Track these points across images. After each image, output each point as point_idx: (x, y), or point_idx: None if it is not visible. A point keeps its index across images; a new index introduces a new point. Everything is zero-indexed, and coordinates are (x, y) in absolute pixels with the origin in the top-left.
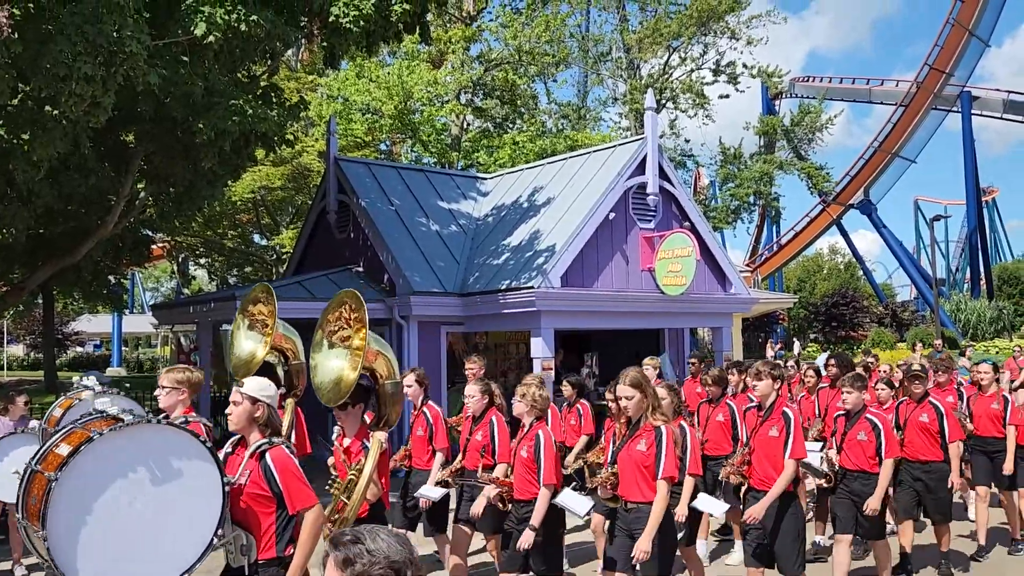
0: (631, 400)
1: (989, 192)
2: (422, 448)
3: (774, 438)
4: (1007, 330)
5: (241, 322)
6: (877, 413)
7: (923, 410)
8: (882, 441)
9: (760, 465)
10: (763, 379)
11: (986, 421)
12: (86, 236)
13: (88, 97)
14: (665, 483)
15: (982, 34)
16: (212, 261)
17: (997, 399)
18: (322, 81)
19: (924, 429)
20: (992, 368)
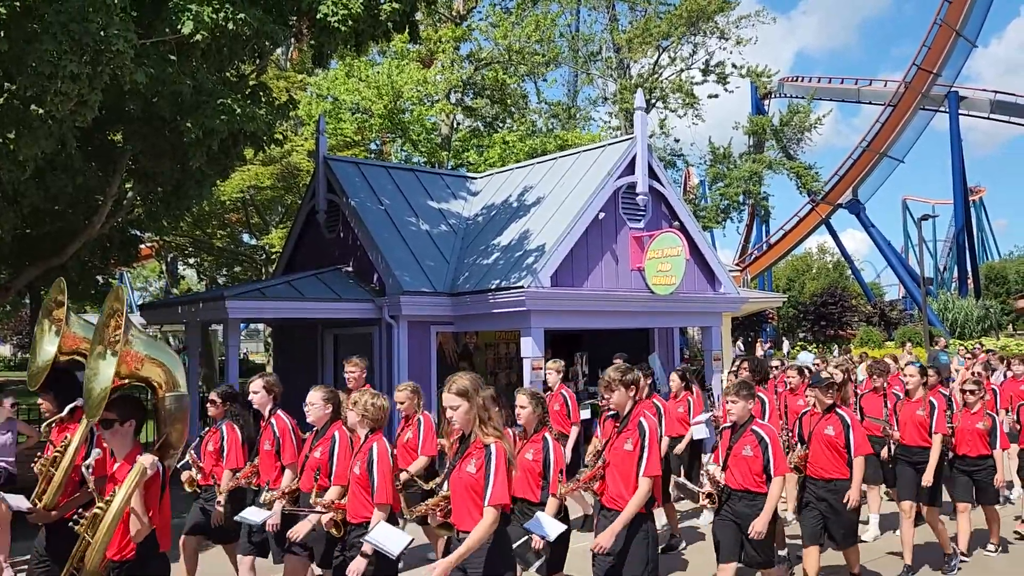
0: (456, 411)
1: (976, 192)
2: (270, 464)
3: (628, 452)
4: (994, 329)
5: (46, 327)
6: (764, 426)
7: (828, 422)
8: (770, 457)
9: (613, 482)
10: (615, 389)
11: (911, 429)
12: (73, 236)
13: (74, 96)
14: (492, 511)
15: (969, 34)
16: (201, 261)
17: (924, 405)
18: (311, 80)
19: (829, 443)
20: (919, 371)
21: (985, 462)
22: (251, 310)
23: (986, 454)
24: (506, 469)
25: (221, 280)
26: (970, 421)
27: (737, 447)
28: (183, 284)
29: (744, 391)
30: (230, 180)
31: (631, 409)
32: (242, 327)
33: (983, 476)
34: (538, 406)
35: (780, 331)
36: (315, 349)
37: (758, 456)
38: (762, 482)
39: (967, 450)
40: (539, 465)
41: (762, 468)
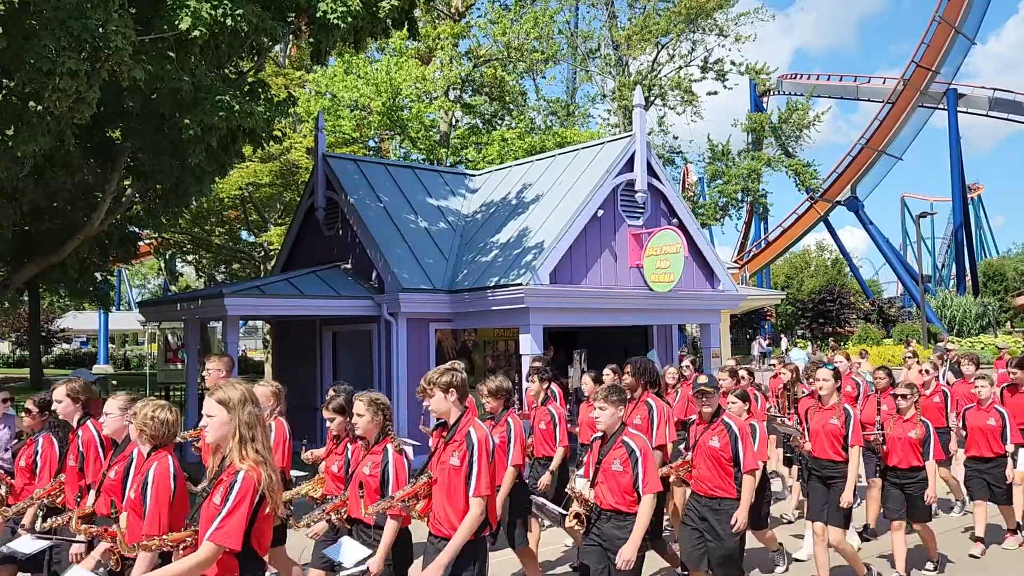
0: (211, 420)
1: (974, 189)
2: (74, 482)
3: (455, 467)
4: (992, 326)
5: None
6: (636, 436)
7: (713, 433)
8: (639, 472)
9: (438, 503)
10: (432, 394)
11: (823, 440)
12: (72, 233)
13: (72, 92)
14: (393, 522)
15: (968, 31)
16: (200, 258)
17: (837, 413)
18: (310, 77)
19: (712, 456)
20: (833, 374)
21: (917, 474)
22: (250, 307)
23: (918, 466)
24: (249, 505)
25: (220, 277)
26: (902, 429)
27: (606, 460)
28: (182, 281)
29: (614, 396)
30: (229, 177)
31: (459, 418)
32: (241, 324)
33: (914, 490)
34: (378, 413)
35: (778, 328)
36: (314, 346)
37: (628, 471)
38: (633, 501)
39: (898, 461)
40: (376, 480)
41: (632, 484)
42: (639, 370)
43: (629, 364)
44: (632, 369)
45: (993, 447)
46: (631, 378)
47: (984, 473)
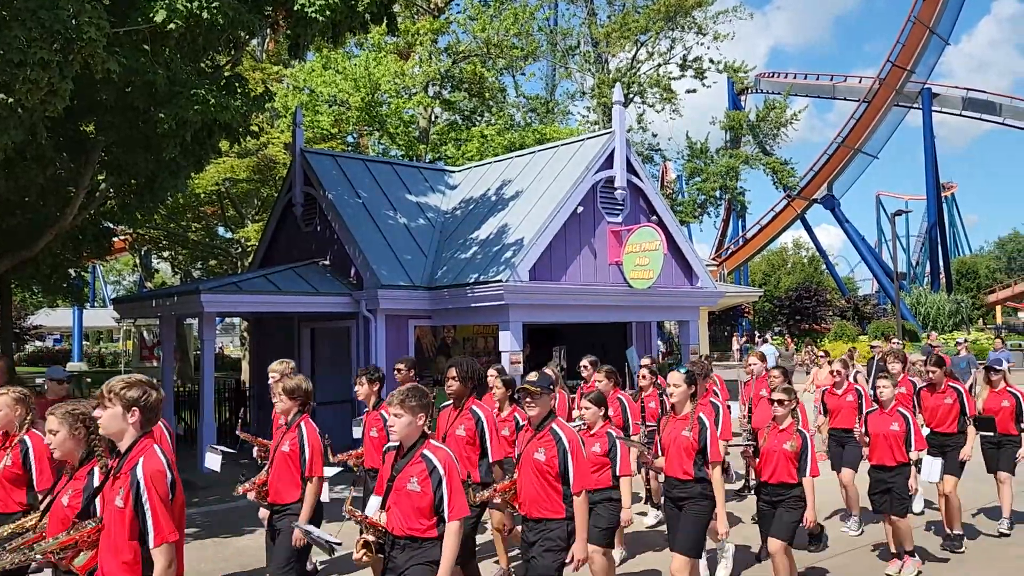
0: None
1: (948, 188)
2: None
3: (284, 453)
4: (965, 323)
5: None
6: (438, 449)
7: (540, 443)
8: (443, 493)
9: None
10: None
11: (675, 454)
12: (45, 228)
13: (44, 84)
14: None
15: (942, 32)
16: (175, 254)
17: (690, 423)
18: (287, 72)
19: (539, 471)
20: (685, 379)
21: (789, 492)
22: (227, 304)
23: (790, 483)
24: None
25: (196, 274)
26: (776, 440)
27: (400, 478)
28: (157, 278)
29: (412, 401)
30: (205, 172)
31: (297, 414)
32: (218, 321)
33: (785, 507)
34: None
35: (756, 325)
36: (292, 343)
37: (427, 491)
38: (432, 525)
39: (768, 476)
40: None
41: (431, 507)
42: (466, 374)
43: (454, 367)
44: (458, 372)
45: (896, 454)
46: (457, 383)
47: (886, 483)
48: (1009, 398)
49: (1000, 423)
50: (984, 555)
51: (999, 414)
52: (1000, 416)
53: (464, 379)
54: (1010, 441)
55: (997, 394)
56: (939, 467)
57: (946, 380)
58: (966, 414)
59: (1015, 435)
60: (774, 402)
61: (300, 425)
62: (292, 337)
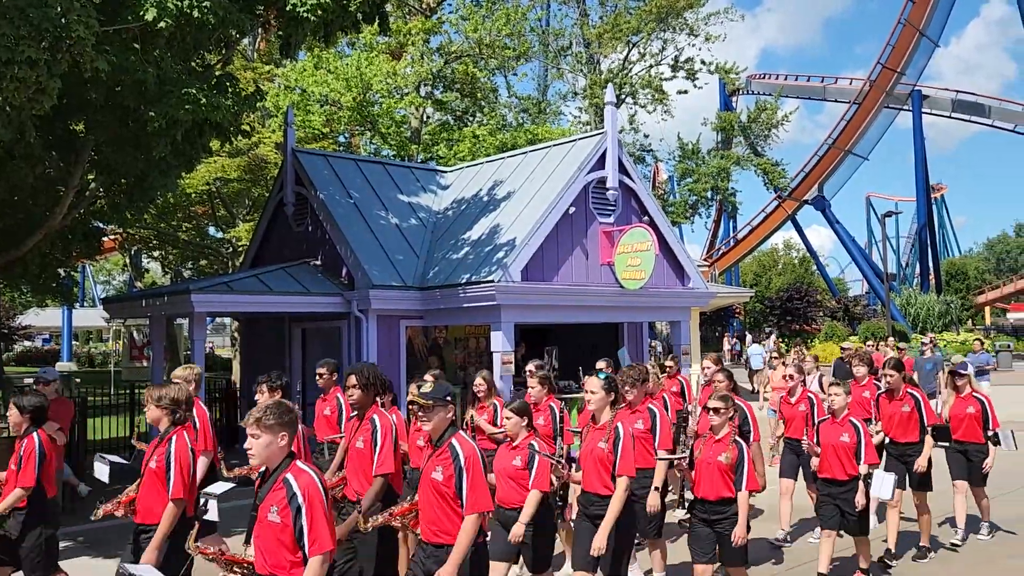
0: None
1: (938, 189)
2: None
3: (151, 470)
4: (954, 324)
5: None
6: (301, 471)
7: (438, 460)
8: (302, 524)
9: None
10: None
11: (591, 467)
12: (34, 228)
13: (32, 82)
14: None
15: (932, 34)
16: (166, 254)
17: (607, 434)
18: (279, 71)
19: (436, 490)
20: (604, 385)
21: (728, 509)
22: (217, 304)
23: (728, 497)
24: None
25: (187, 273)
26: (712, 451)
27: (263, 507)
28: (147, 277)
29: (271, 419)
30: (196, 172)
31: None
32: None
33: (724, 528)
34: None
35: (746, 326)
36: (283, 344)
37: (287, 523)
38: (296, 562)
39: (706, 491)
40: None
41: (293, 541)
42: (367, 380)
43: (353, 374)
44: (358, 380)
45: (846, 467)
46: (358, 392)
47: (836, 498)
48: (975, 404)
49: (966, 430)
50: (977, 556)
51: (964, 420)
52: (966, 423)
53: (365, 387)
54: (977, 450)
55: (963, 399)
56: (891, 483)
57: (904, 386)
58: (924, 423)
59: (982, 443)
60: (709, 410)
61: (171, 439)
62: (283, 337)
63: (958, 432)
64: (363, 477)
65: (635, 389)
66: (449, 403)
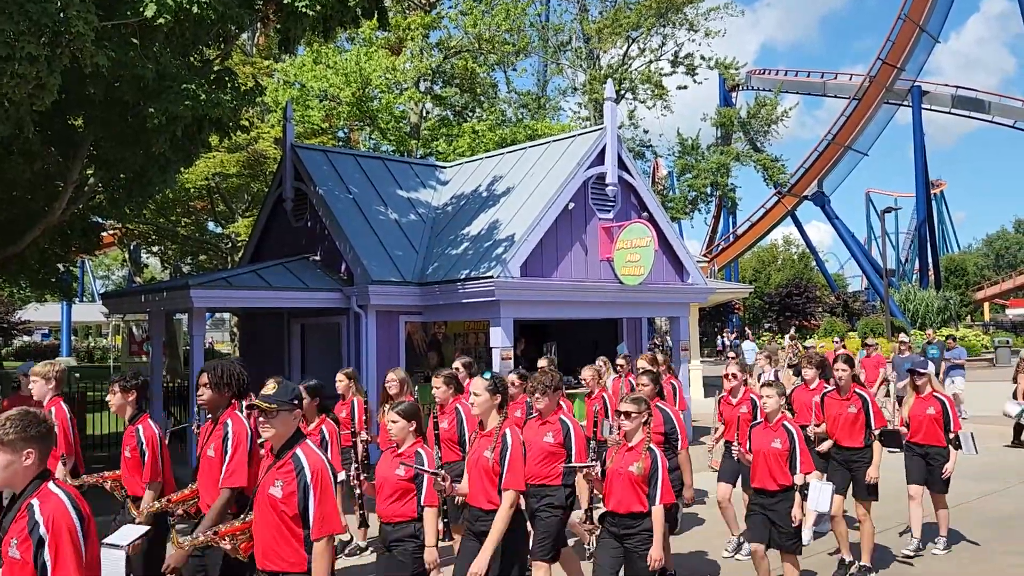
0: None
1: (937, 185)
2: None
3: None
4: (953, 319)
5: None
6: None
7: (277, 474)
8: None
9: None
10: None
11: (477, 482)
12: (32, 223)
13: (32, 78)
14: None
15: (932, 30)
16: (165, 249)
17: (495, 442)
18: (278, 66)
19: (274, 508)
20: (488, 386)
21: (638, 523)
22: (216, 299)
23: (640, 512)
24: None
25: (186, 269)
26: (622, 461)
27: (6, 539)
28: (147, 273)
29: (12, 432)
30: (195, 167)
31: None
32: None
33: (634, 544)
34: None
35: (746, 322)
36: (282, 339)
37: (27, 562)
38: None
39: (615, 504)
40: None
41: None
42: (221, 379)
43: (206, 372)
44: (210, 378)
45: (778, 477)
46: (210, 392)
47: (766, 510)
48: (935, 404)
49: (926, 432)
50: (973, 554)
51: (924, 422)
52: (926, 424)
53: (219, 386)
54: (938, 453)
55: (923, 400)
56: (829, 494)
57: (853, 385)
58: (871, 426)
59: (942, 446)
60: (620, 414)
61: None
62: (282, 333)
63: (918, 435)
64: (215, 489)
65: (546, 397)
66: (295, 406)
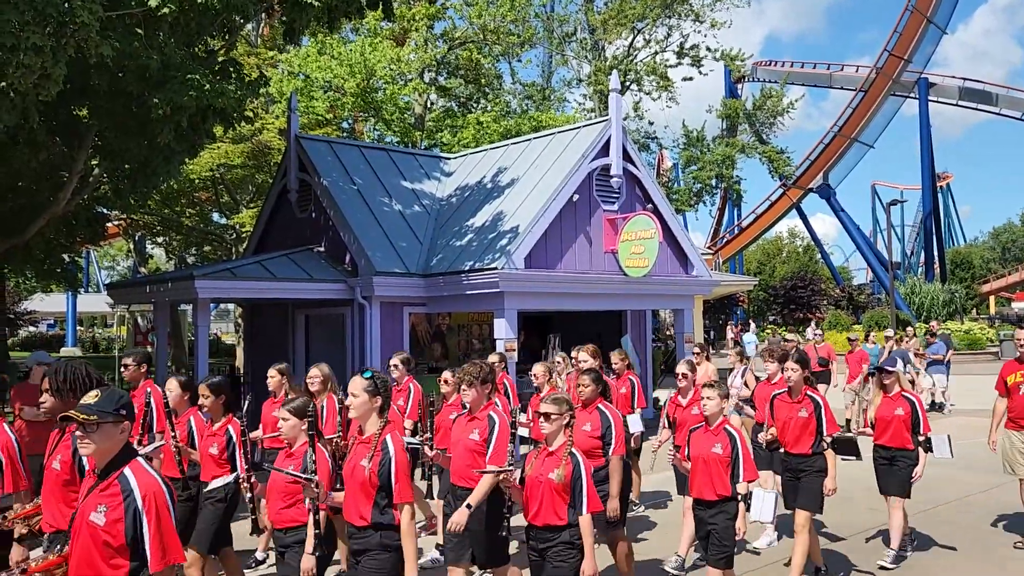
0: None
1: (943, 177)
2: None
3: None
4: (959, 313)
5: None
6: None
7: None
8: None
9: None
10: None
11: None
12: (37, 213)
13: (37, 68)
14: None
15: (940, 21)
16: (170, 240)
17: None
18: (282, 57)
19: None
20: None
21: (557, 536)
22: (221, 290)
23: (557, 524)
24: None
25: (190, 259)
26: (542, 467)
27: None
28: (151, 263)
29: None
30: (199, 158)
31: None
32: (212, 307)
33: (552, 556)
34: None
35: (750, 314)
36: (286, 330)
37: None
38: None
39: (534, 515)
40: None
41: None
42: (64, 385)
43: (47, 376)
44: (51, 383)
45: (716, 486)
46: (53, 398)
47: (706, 522)
48: (904, 405)
49: (893, 434)
50: (974, 547)
51: (892, 423)
52: (893, 426)
53: (62, 392)
54: (905, 456)
55: (891, 400)
56: (772, 504)
57: (805, 387)
58: (822, 432)
59: (910, 449)
60: (540, 415)
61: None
62: (287, 323)
63: (884, 436)
64: (64, 505)
65: (472, 390)
66: (122, 417)
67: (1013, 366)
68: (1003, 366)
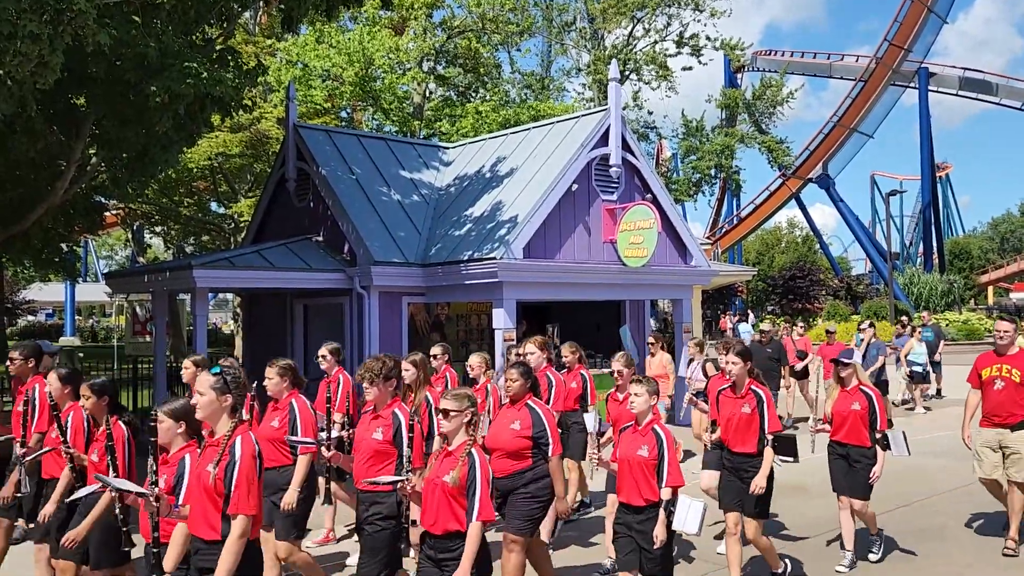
0: None
1: (943, 168)
2: None
3: None
4: (957, 303)
5: None
6: None
7: None
8: None
9: None
10: None
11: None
12: (35, 202)
13: (34, 56)
14: None
15: (940, 10)
16: (168, 229)
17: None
18: (281, 46)
19: None
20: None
21: (456, 544)
22: (219, 279)
23: (457, 531)
24: None
25: (189, 249)
26: (439, 469)
27: None
28: (150, 253)
29: None
30: (197, 147)
31: None
32: (211, 297)
33: (452, 571)
34: None
35: (749, 304)
36: (285, 320)
37: None
38: None
39: (430, 521)
40: None
41: None
42: None
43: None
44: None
45: (643, 490)
46: None
47: (632, 529)
48: (861, 399)
49: (849, 430)
50: (974, 540)
51: (848, 419)
52: (849, 421)
53: None
54: (861, 455)
55: (848, 394)
56: (699, 513)
57: (750, 381)
58: (764, 429)
59: (867, 447)
60: (440, 412)
61: None
62: (285, 313)
63: (840, 432)
64: None
65: (375, 387)
66: None
67: (989, 358)
68: (978, 358)
